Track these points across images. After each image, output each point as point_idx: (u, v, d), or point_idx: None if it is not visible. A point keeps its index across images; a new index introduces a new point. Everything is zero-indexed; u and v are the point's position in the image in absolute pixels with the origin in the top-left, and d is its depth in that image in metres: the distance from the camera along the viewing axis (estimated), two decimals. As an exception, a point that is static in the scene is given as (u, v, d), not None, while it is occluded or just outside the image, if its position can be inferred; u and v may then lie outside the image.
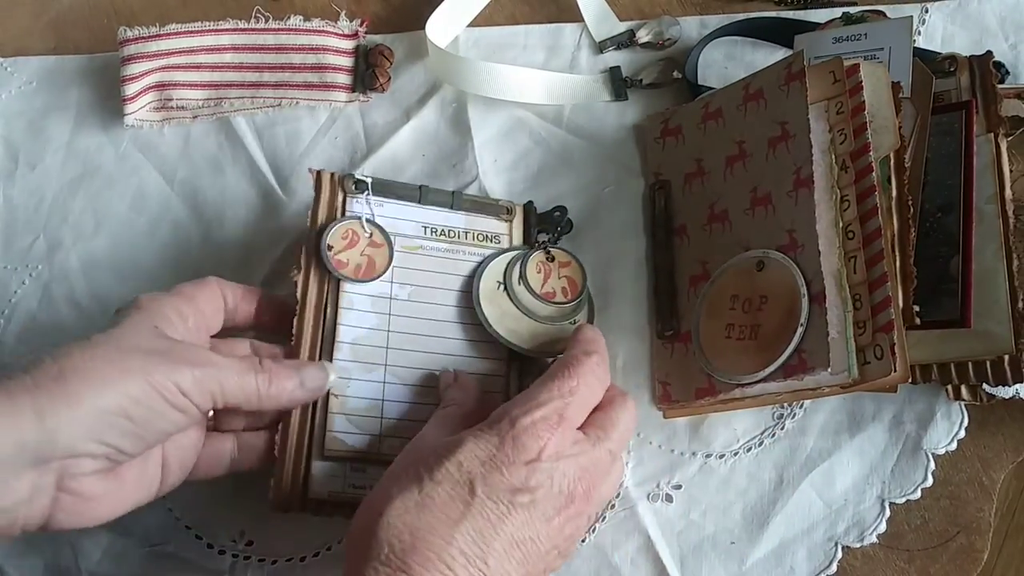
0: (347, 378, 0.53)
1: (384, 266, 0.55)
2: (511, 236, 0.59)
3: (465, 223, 0.58)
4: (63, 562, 0.57)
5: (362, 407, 0.53)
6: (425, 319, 0.56)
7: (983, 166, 0.54)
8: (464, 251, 0.58)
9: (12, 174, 0.66)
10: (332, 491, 0.52)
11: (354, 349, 0.54)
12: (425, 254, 0.57)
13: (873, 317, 0.48)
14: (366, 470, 0.52)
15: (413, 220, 0.58)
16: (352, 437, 0.53)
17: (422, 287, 0.56)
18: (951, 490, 0.55)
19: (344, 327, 0.54)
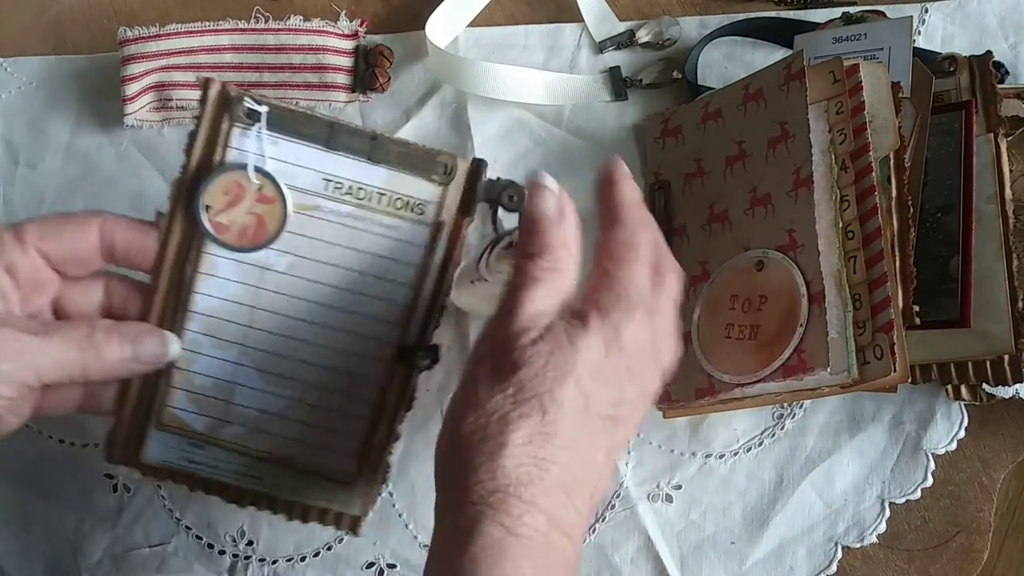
0: (196, 352, 0.46)
1: (276, 228, 0.45)
2: (442, 204, 0.46)
3: (384, 181, 0.45)
4: (63, 562, 0.57)
5: (208, 386, 0.47)
6: (302, 299, 0.46)
7: (983, 166, 0.54)
8: (372, 221, 0.45)
9: (12, 174, 0.66)
10: (164, 460, 0.48)
11: (209, 322, 0.46)
12: (320, 217, 0.45)
13: (873, 317, 0.48)
14: (204, 447, 0.48)
15: (314, 169, 0.45)
16: (191, 416, 0.47)
17: (307, 259, 0.46)
18: (951, 490, 0.55)
19: (200, 295, 0.46)
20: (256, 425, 0.47)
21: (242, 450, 0.48)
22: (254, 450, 0.48)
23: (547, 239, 0.41)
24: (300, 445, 0.48)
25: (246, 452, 0.48)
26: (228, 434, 0.48)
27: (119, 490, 0.58)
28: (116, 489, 0.58)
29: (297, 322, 0.46)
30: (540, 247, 0.41)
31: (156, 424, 0.48)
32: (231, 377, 0.47)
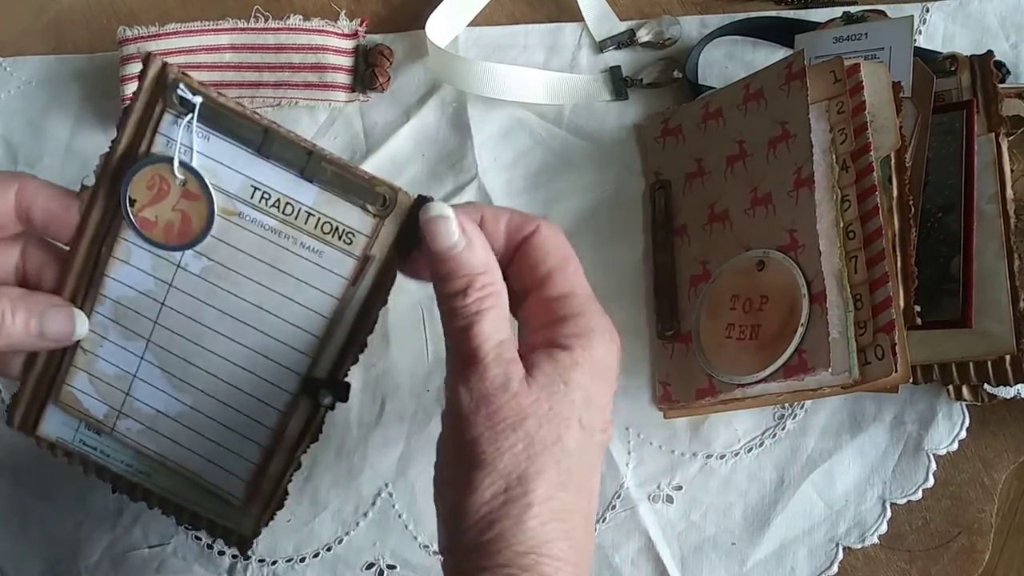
0: (102, 336, 0.45)
1: (202, 227, 0.42)
2: (374, 238, 0.42)
3: (314, 201, 0.42)
4: (62, 562, 0.57)
5: (109, 374, 0.46)
6: (213, 307, 0.44)
7: (984, 166, 0.54)
8: (296, 240, 0.43)
9: (11, 174, 0.66)
10: (61, 439, 0.48)
11: (117, 308, 0.45)
12: (241, 225, 0.43)
13: (874, 317, 0.48)
14: (100, 435, 0.47)
15: (242, 173, 0.42)
16: (89, 400, 0.47)
17: (223, 267, 0.43)
18: (952, 490, 0.55)
19: (112, 280, 0.44)
20: (152, 424, 0.46)
21: (135, 447, 0.47)
22: (147, 449, 0.47)
23: (465, 268, 0.38)
24: (192, 455, 0.47)
25: (139, 450, 0.47)
26: (123, 427, 0.47)
27: (118, 491, 0.58)
28: (115, 490, 0.58)
29: (206, 329, 0.44)
30: (462, 280, 0.38)
31: (55, 399, 0.47)
32: (133, 370, 0.46)
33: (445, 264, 0.38)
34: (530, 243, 0.41)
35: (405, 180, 0.63)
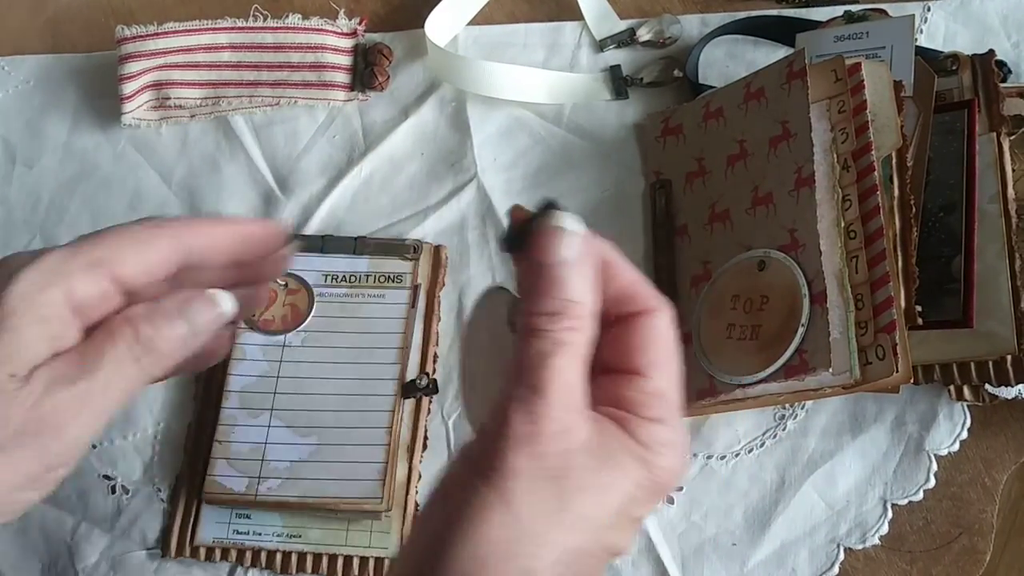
0: (232, 425, 0.56)
1: (307, 309, 0.58)
2: (415, 274, 0.59)
3: (368, 267, 0.59)
4: (60, 564, 0.57)
5: (244, 451, 0.55)
6: (316, 362, 0.57)
7: (985, 165, 0.54)
8: (364, 294, 0.59)
9: (9, 173, 0.65)
10: (217, 538, 0.55)
11: (242, 397, 0.56)
12: (324, 301, 0.59)
13: (875, 317, 0.48)
14: (249, 516, 0.55)
15: (315, 270, 0.59)
16: (231, 480, 0.55)
17: (317, 332, 0.58)
18: (953, 491, 0.55)
19: (234, 376, 0.57)
20: (288, 475, 0.55)
21: (280, 502, 0.54)
22: (290, 498, 0.54)
23: (567, 291, 0.34)
24: (329, 483, 0.54)
25: (284, 503, 0.54)
26: (264, 489, 0.55)
27: (117, 492, 0.57)
28: (114, 491, 0.58)
29: (315, 380, 0.57)
30: (559, 302, 0.34)
31: (203, 496, 0.55)
32: (263, 439, 0.56)
33: (547, 279, 0.34)
34: (643, 322, 0.36)
35: (404, 178, 0.63)
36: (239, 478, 0.55)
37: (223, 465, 0.55)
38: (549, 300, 0.34)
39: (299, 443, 0.55)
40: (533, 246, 0.35)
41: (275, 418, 0.56)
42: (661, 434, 0.34)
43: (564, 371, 0.33)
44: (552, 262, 0.34)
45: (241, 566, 0.55)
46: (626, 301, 0.36)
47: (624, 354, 0.36)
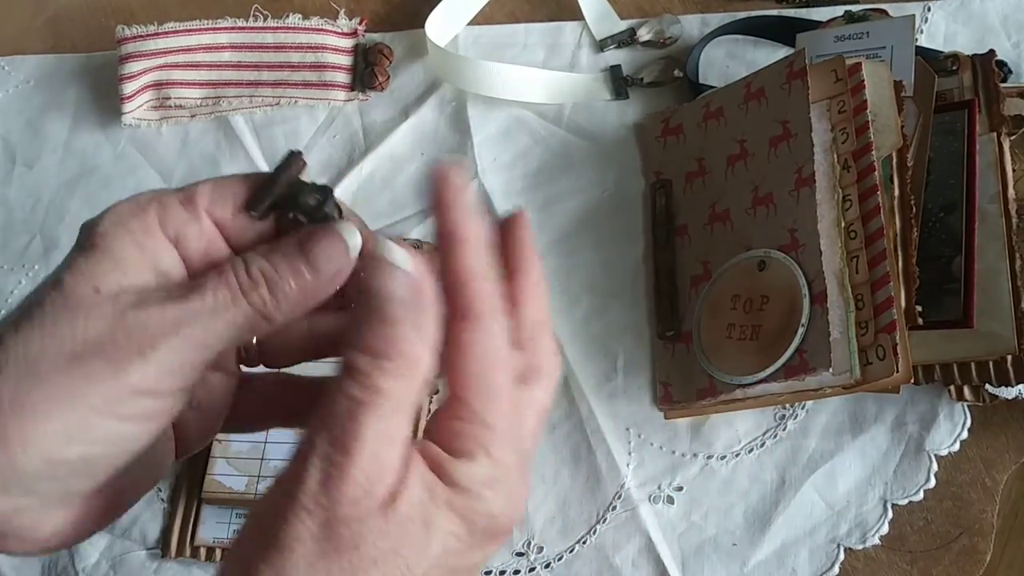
0: None
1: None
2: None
3: None
4: (60, 564, 0.57)
5: (243, 450, 0.55)
6: (316, 361, 0.52)
7: (986, 165, 0.54)
8: None
9: (9, 173, 0.65)
10: (217, 538, 0.55)
11: None
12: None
13: (875, 317, 0.48)
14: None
15: None
16: (230, 479, 0.55)
17: None
18: (954, 491, 0.55)
19: None
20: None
21: None
22: None
23: (398, 334, 0.29)
24: None
25: None
26: (264, 488, 0.52)
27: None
28: None
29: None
30: (387, 344, 0.29)
31: (202, 495, 0.55)
32: (263, 437, 0.55)
33: (379, 312, 0.29)
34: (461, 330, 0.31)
35: (404, 178, 0.63)
36: (239, 477, 0.55)
37: (223, 464, 0.55)
38: (371, 336, 0.29)
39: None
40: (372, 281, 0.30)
41: None
42: (479, 472, 0.29)
43: (380, 428, 0.28)
44: (381, 294, 0.29)
45: None
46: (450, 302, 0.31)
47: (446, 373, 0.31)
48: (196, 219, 0.32)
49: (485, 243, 0.32)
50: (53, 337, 0.29)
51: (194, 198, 0.32)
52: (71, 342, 0.29)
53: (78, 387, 0.28)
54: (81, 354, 0.29)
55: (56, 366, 0.29)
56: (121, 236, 0.31)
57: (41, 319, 0.29)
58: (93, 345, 0.29)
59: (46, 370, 0.28)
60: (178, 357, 0.30)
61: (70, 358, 0.29)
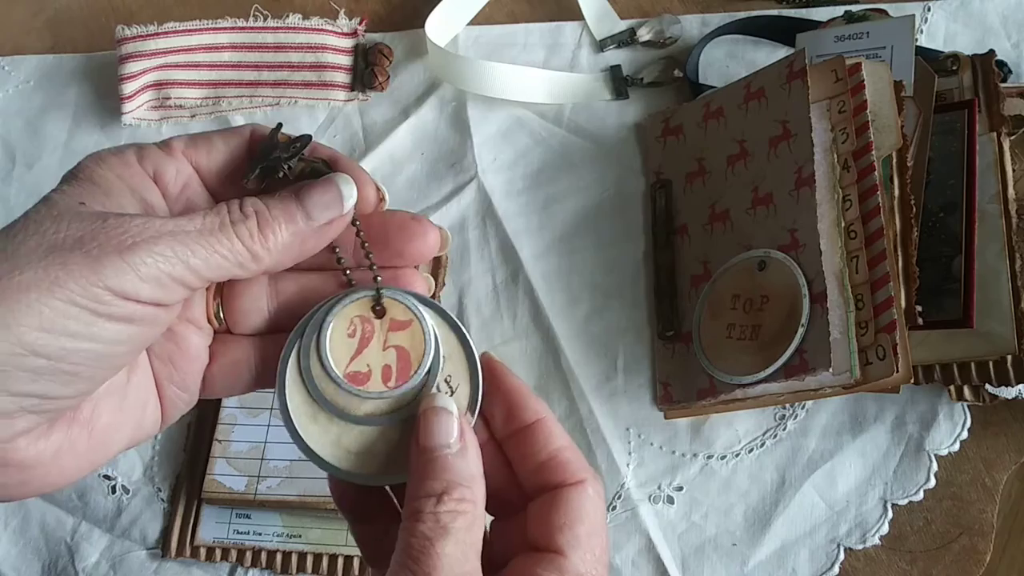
0: (232, 425, 0.56)
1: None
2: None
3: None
4: (60, 563, 0.57)
5: (243, 451, 0.56)
6: None
7: (986, 165, 0.54)
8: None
9: (9, 173, 0.65)
10: (217, 538, 0.55)
11: (241, 396, 0.56)
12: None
13: (875, 317, 0.48)
14: (251, 516, 0.56)
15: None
16: (230, 480, 0.55)
17: None
18: (953, 491, 0.55)
19: None
20: (287, 474, 0.55)
21: (280, 501, 0.54)
22: (290, 497, 0.54)
23: (451, 473, 0.32)
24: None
25: (283, 502, 0.54)
26: (264, 488, 0.55)
27: (117, 492, 0.58)
28: (114, 491, 0.58)
29: None
30: (444, 483, 0.32)
31: (203, 495, 0.55)
32: (263, 438, 0.55)
33: (428, 462, 0.32)
34: (567, 494, 0.34)
35: (404, 178, 0.63)
36: (239, 477, 0.55)
37: (223, 464, 0.55)
38: (430, 481, 0.32)
39: None
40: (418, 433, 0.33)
41: (275, 417, 0.56)
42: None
43: (451, 559, 0.30)
44: (431, 445, 0.33)
45: (241, 566, 0.55)
46: (554, 470, 0.34)
47: (545, 531, 0.33)
48: (173, 159, 0.34)
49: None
50: (35, 233, 0.30)
51: (170, 143, 0.35)
52: (52, 237, 0.30)
53: (56, 275, 0.29)
54: (60, 246, 0.30)
55: (37, 255, 0.29)
56: (103, 169, 0.33)
57: (25, 222, 0.31)
58: (72, 241, 0.30)
59: (26, 259, 0.29)
60: (157, 265, 0.30)
61: (49, 249, 0.29)
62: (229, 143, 0.35)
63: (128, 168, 0.33)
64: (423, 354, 0.35)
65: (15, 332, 0.28)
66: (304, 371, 0.34)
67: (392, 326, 0.35)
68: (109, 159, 0.33)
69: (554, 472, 0.34)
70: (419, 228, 0.36)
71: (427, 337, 0.35)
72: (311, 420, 0.34)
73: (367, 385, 0.34)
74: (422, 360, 0.35)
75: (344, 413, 0.34)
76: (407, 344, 0.35)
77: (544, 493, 0.34)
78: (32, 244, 0.30)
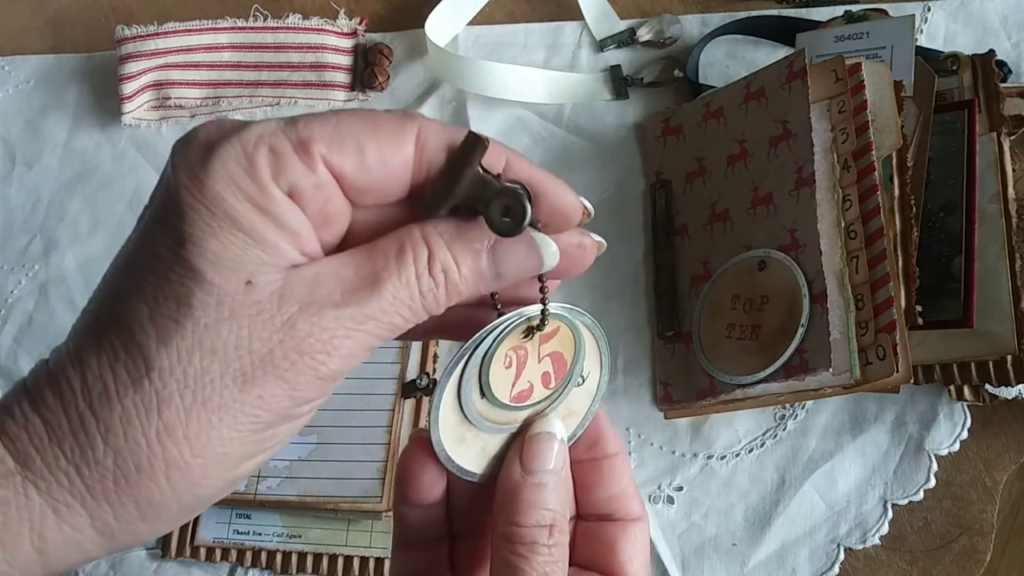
0: None
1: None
2: None
3: None
4: (60, 564, 0.57)
5: None
6: None
7: (986, 165, 0.54)
8: None
9: (9, 173, 0.65)
10: (217, 538, 0.56)
11: None
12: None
13: (875, 317, 0.48)
14: (251, 516, 0.55)
15: None
16: None
17: None
18: (953, 491, 0.55)
19: None
20: (288, 474, 0.55)
21: (280, 500, 0.55)
22: (290, 497, 0.54)
23: (551, 502, 0.31)
24: (328, 482, 0.54)
25: (283, 502, 0.55)
26: (264, 488, 0.55)
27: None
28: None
29: None
30: (547, 514, 0.31)
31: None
32: None
33: (534, 488, 0.32)
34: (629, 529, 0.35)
35: (404, 179, 0.63)
36: None
37: None
38: (536, 511, 0.31)
39: (298, 442, 0.55)
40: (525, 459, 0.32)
41: None
42: None
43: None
44: (539, 469, 0.32)
45: (241, 566, 0.55)
46: (621, 504, 0.35)
47: (605, 557, 0.34)
48: (312, 171, 0.26)
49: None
50: (214, 351, 0.25)
51: (309, 146, 0.26)
52: (237, 360, 0.25)
53: (254, 412, 0.26)
54: (252, 375, 0.25)
55: (228, 390, 0.25)
56: (240, 201, 0.25)
57: (193, 328, 0.25)
58: (263, 361, 0.25)
59: (218, 399, 0.25)
60: (350, 362, 0.27)
61: (239, 380, 0.25)
62: (383, 149, 0.27)
63: (264, 194, 0.26)
64: (575, 351, 0.34)
65: (220, 469, 0.26)
66: (464, 403, 0.32)
67: (543, 339, 0.33)
68: (244, 182, 0.25)
69: (621, 505, 0.34)
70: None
71: (576, 334, 0.33)
72: (459, 442, 0.32)
73: (531, 398, 0.33)
74: (575, 356, 0.34)
75: (499, 427, 0.33)
76: (560, 348, 0.34)
77: (605, 522, 0.34)
78: (216, 372, 0.25)
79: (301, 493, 0.54)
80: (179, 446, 0.25)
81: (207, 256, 0.25)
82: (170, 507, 0.26)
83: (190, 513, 0.27)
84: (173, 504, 0.26)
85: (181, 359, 0.25)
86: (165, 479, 0.25)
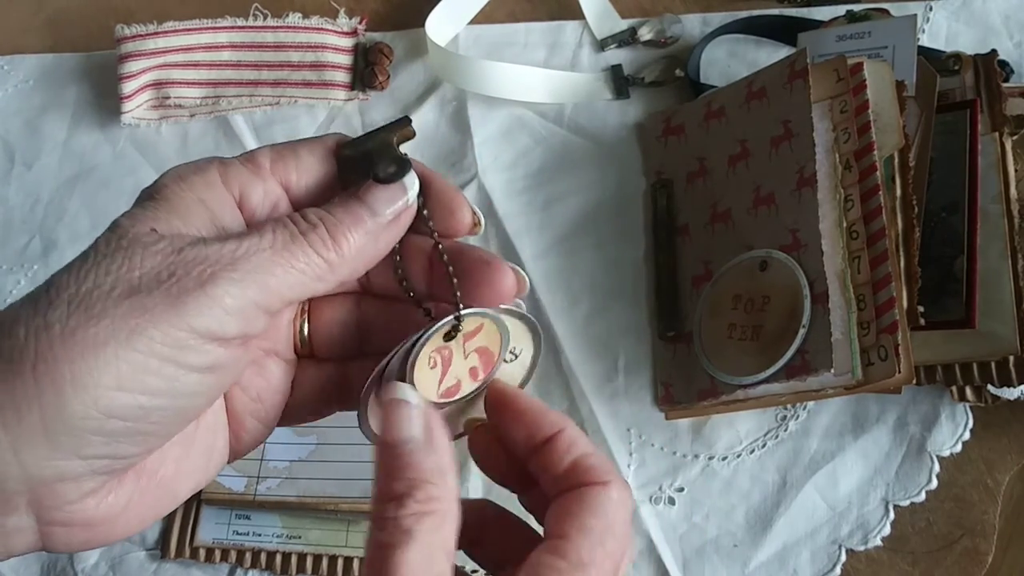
0: None
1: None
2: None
3: None
4: (60, 564, 0.56)
5: None
6: None
7: (988, 165, 0.53)
8: None
9: (8, 173, 0.65)
10: (217, 539, 0.55)
11: None
12: None
13: (877, 318, 0.48)
14: (250, 517, 0.55)
15: None
16: (229, 480, 0.55)
17: None
18: (955, 492, 0.55)
19: None
20: (288, 474, 0.55)
21: (279, 501, 0.54)
22: (290, 498, 0.54)
23: (414, 470, 0.29)
24: (328, 483, 0.54)
25: (283, 502, 0.54)
26: (263, 489, 0.55)
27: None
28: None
29: None
30: (407, 482, 0.29)
31: (203, 498, 0.55)
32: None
33: (393, 456, 0.30)
34: (587, 491, 0.32)
35: (405, 179, 0.63)
36: (238, 478, 0.55)
37: None
38: (392, 481, 0.29)
39: (298, 442, 0.55)
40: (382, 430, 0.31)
41: None
42: None
43: (414, 565, 0.28)
44: (392, 439, 0.30)
45: (241, 567, 0.55)
46: (578, 475, 0.32)
47: (555, 521, 0.31)
48: (260, 179, 0.31)
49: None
50: (108, 272, 0.27)
51: (256, 158, 0.32)
52: (127, 276, 0.27)
53: (137, 324, 0.27)
54: (138, 288, 0.27)
55: (112, 301, 0.27)
56: (182, 190, 0.30)
57: (95, 257, 0.28)
58: (150, 279, 0.27)
59: (101, 306, 0.27)
60: (239, 295, 0.28)
61: (126, 292, 0.27)
62: (315, 153, 0.33)
63: (211, 190, 0.30)
64: (501, 343, 0.34)
65: (91, 394, 0.26)
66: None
67: (467, 338, 0.33)
68: (191, 178, 0.30)
69: (577, 476, 0.32)
70: (494, 274, 0.33)
71: (500, 328, 0.34)
72: None
73: (460, 392, 0.34)
74: (501, 347, 0.35)
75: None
76: (486, 342, 0.34)
77: (564, 495, 0.32)
78: (107, 285, 0.27)
79: (301, 494, 0.54)
80: (52, 341, 0.26)
81: (128, 215, 0.29)
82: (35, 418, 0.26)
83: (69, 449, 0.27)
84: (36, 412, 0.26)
85: (76, 278, 0.27)
86: (31, 370, 0.26)
